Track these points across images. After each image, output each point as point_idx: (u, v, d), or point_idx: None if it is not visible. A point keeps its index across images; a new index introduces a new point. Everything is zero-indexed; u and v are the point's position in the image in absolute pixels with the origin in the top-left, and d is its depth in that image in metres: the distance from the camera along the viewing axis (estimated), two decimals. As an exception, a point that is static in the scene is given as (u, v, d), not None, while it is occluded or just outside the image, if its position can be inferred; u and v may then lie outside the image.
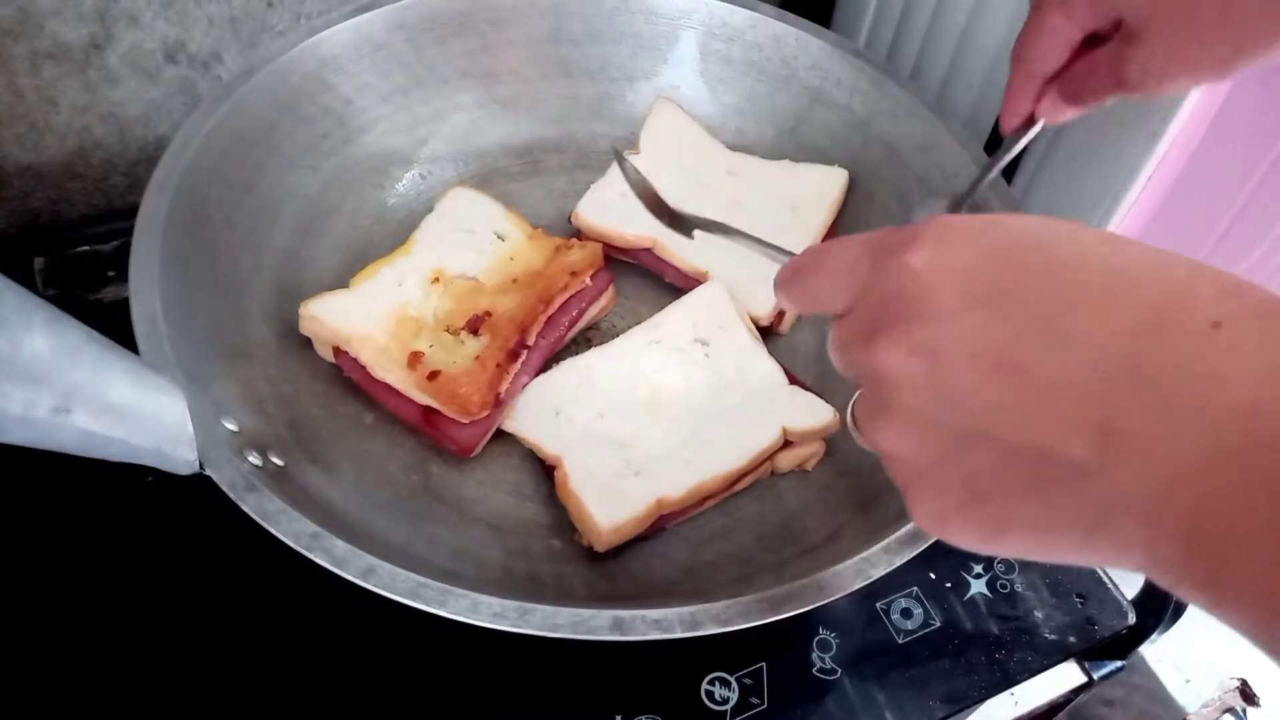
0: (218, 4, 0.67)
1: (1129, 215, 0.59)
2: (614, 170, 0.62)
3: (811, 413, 0.52)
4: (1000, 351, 0.25)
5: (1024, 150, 0.65)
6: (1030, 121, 0.51)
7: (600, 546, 0.46)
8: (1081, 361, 0.23)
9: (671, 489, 0.48)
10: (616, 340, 0.56)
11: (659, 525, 0.48)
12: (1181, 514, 0.22)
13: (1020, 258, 0.26)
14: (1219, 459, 0.21)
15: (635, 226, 0.59)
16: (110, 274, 0.64)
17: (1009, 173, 0.64)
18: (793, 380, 0.55)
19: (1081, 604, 0.55)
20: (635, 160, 0.62)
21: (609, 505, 0.47)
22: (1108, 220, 0.60)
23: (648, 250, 0.60)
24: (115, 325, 0.42)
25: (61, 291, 0.63)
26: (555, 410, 0.52)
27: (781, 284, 0.33)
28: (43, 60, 0.64)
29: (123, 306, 0.44)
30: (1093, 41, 0.46)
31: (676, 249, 0.59)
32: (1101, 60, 0.45)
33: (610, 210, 0.60)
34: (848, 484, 0.51)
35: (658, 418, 0.52)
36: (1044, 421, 0.24)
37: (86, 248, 0.65)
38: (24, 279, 0.63)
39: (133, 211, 0.47)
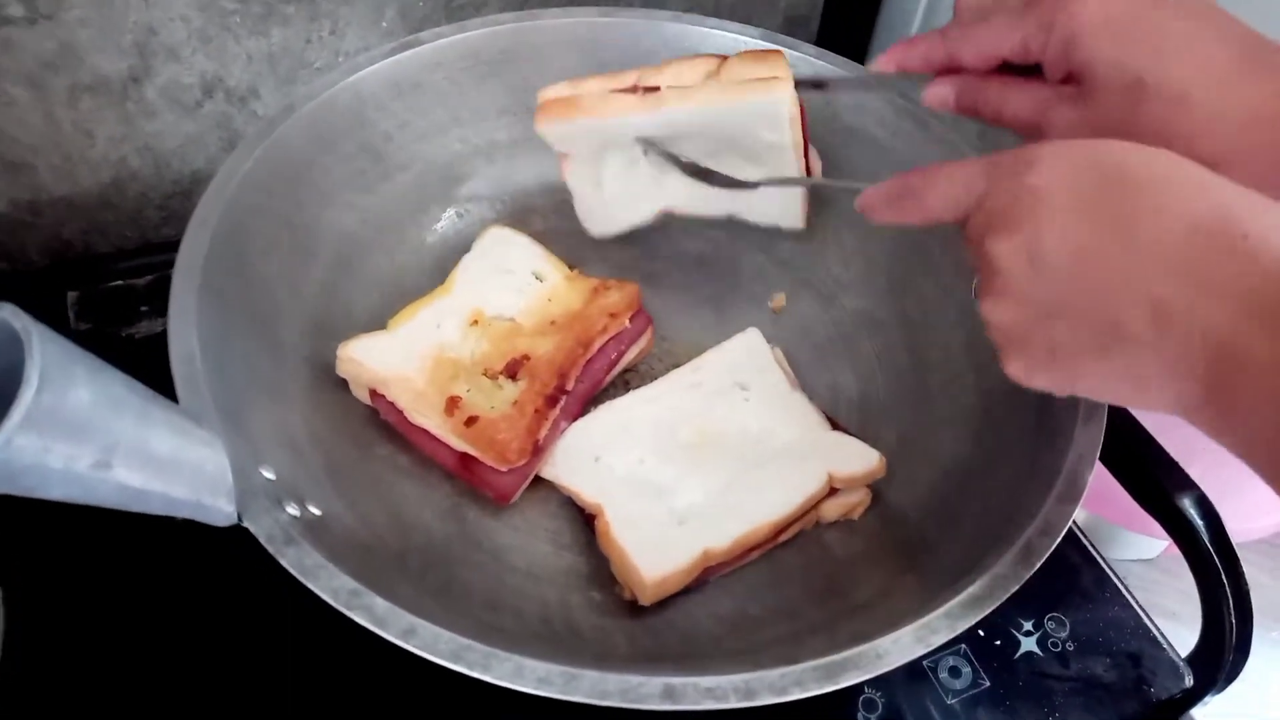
0: (256, 40, 0.67)
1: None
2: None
3: (857, 457, 0.51)
4: (1087, 244, 0.33)
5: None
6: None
7: (645, 600, 0.45)
8: (1146, 257, 0.31)
9: (717, 539, 0.46)
10: (656, 383, 0.55)
11: (703, 577, 0.47)
12: (1206, 374, 0.30)
13: (1107, 178, 0.33)
14: (1244, 321, 0.29)
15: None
16: (144, 309, 0.63)
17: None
18: (835, 426, 0.53)
19: (1134, 664, 0.53)
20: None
21: (654, 556, 0.45)
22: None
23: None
24: (148, 361, 0.41)
25: (95, 326, 0.62)
26: (594, 456, 0.51)
27: (891, 201, 0.40)
28: (81, 92, 0.64)
29: (156, 342, 0.43)
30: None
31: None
32: (1028, 96, 0.44)
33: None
34: (896, 535, 0.50)
35: (700, 463, 0.51)
36: (1114, 300, 0.32)
37: (120, 282, 0.65)
38: (57, 312, 0.63)
39: (167, 245, 0.47)
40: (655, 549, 0.46)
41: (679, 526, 0.47)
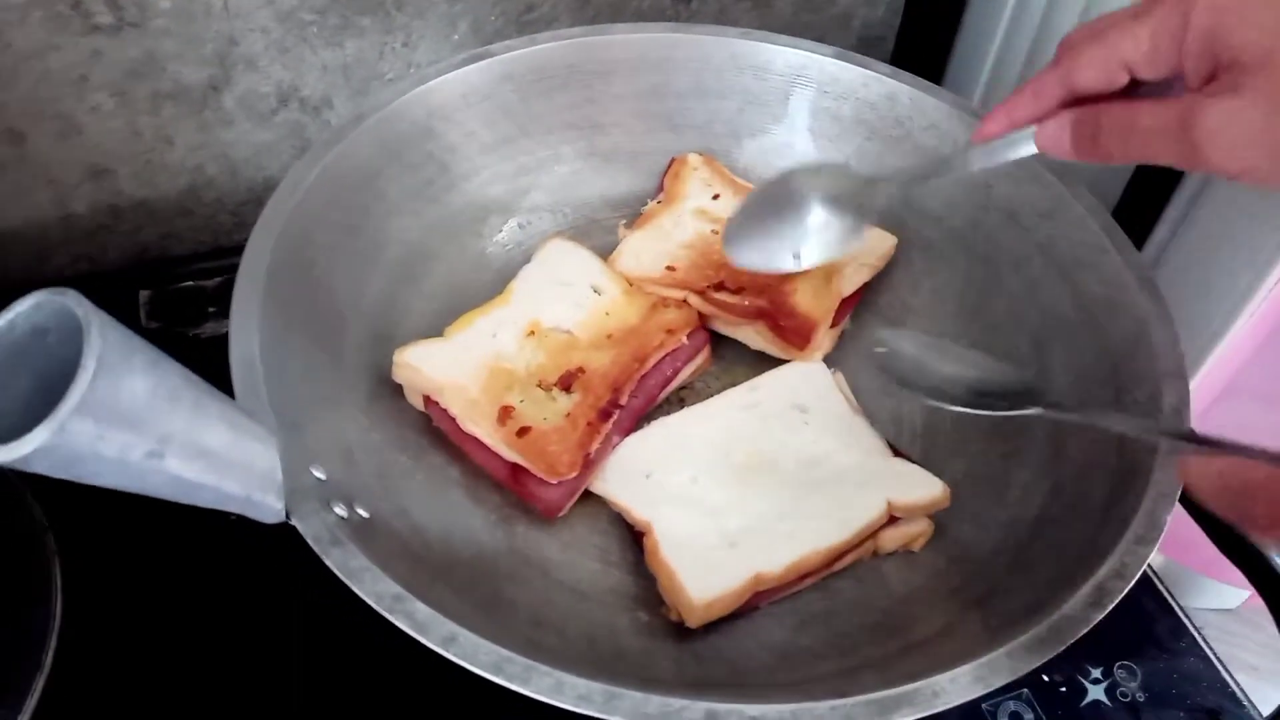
0: (332, 51, 0.68)
1: (1273, 293, 0.55)
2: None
3: (919, 485, 0.49)
4: None
5: (1155, 217, 0.62)
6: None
7: (692, 622, 0.44)
8: None
9: (769, 564, 0.45)
10: (711, 400, 0.54)
11: (753, 604, 0.46)
12: None
13: None
14: None
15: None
16: (211, 310, 0.65)
17: (1139, 240, 0.60)
18: (896, 453, 0.51)
19: (1212, 720, 0.50)
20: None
21: (703, 578, 0.44)
22: (1244, 303, 0.55)
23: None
24: (213, 361, 0.42)
25: (164, 325, 0.64)
26: (646, 473, 0.50)
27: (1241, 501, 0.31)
28: (163, 100, 0.66)
29: (221, 342, 0.43)
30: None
31: None
32: (1166, 105, 0.35)
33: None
34: (960, 572, 0.48)
35: (753, 485, 0.49)
36: None
37: (191, 283, 0.66)
38: (129, 310, 0.64)
39: (238, 250, 0.47)
40: (705, 570, 0.44)
41: (730, 549, 0.46)
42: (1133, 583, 0.38)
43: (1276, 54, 0.32)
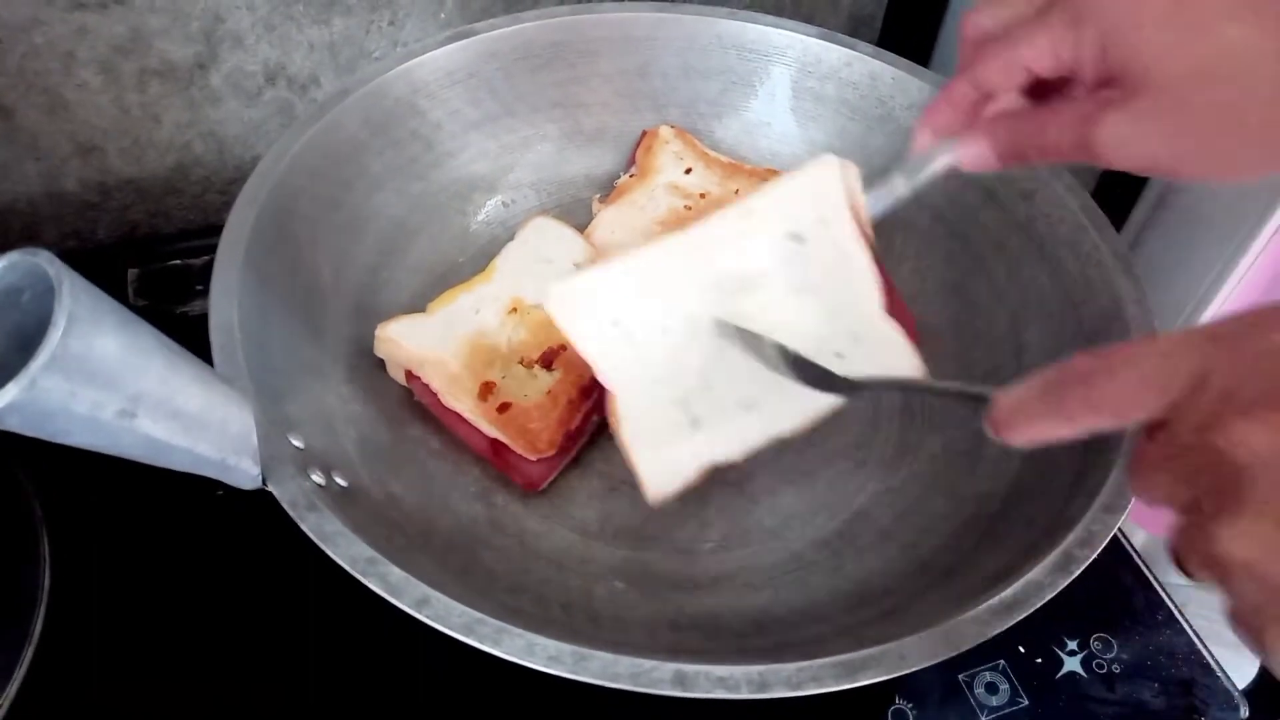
0: (318, 29, 0.68)
1: (1249, 275, 0.55)
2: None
3: (896, 362, 0.46)
4: None
5: (1133, 198, 0.62)
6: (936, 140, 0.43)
7: (651, 503, 0.45)
8: None
9: (728, 450, 0.45)
10: (698, 226, 0.47)
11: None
12: None
13: None
14: None
15: None
16: (199, 288, 0.65)
17: (1118, 220, 0.61)
18: (891, 306, 0.47)
19: (1186, 691, 0.50)
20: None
21: (660, 471, 0.45)
22: (1221, 283, 0.56)
23: None
24: (199, 338, 0.42)
25: (151, 303, 0.64)
26: (614, 319, 0.45)
27: (1046, 402, 0.29)
28: (150, 78, 0.66)
29: (207, 320, 0.44)
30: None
31: None
32: (1068, 113, 0.37)
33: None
34: (932, 544, 0.48)
35: (728, 346, 0.46)
36: None
37: (178, 261, 0.67)
38: (117, 288, 0.65)
39: (225, 228, 0.48)
40: (662, 462, 0.45)
41: (691, 430, 0.45)
42: (1099, 550, 0.39)
43: (1157, 74, 0.34)
